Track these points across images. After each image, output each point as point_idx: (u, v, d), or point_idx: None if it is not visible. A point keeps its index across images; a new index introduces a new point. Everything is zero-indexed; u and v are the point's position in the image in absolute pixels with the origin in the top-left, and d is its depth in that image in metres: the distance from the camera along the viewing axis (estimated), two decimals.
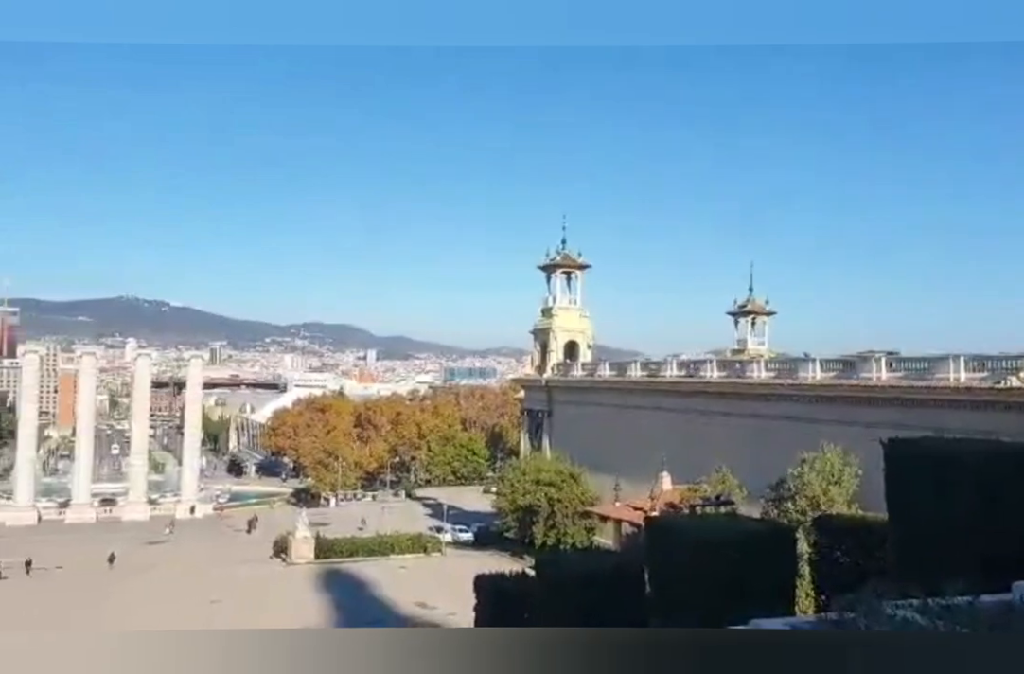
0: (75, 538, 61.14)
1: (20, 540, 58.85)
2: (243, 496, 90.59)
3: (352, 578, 48.46)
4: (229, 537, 64.92)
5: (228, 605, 40.80)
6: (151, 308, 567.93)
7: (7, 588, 45.56)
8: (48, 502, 77.72)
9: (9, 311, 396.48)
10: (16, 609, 39.85)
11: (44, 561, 50.11)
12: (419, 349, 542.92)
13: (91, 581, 46.47)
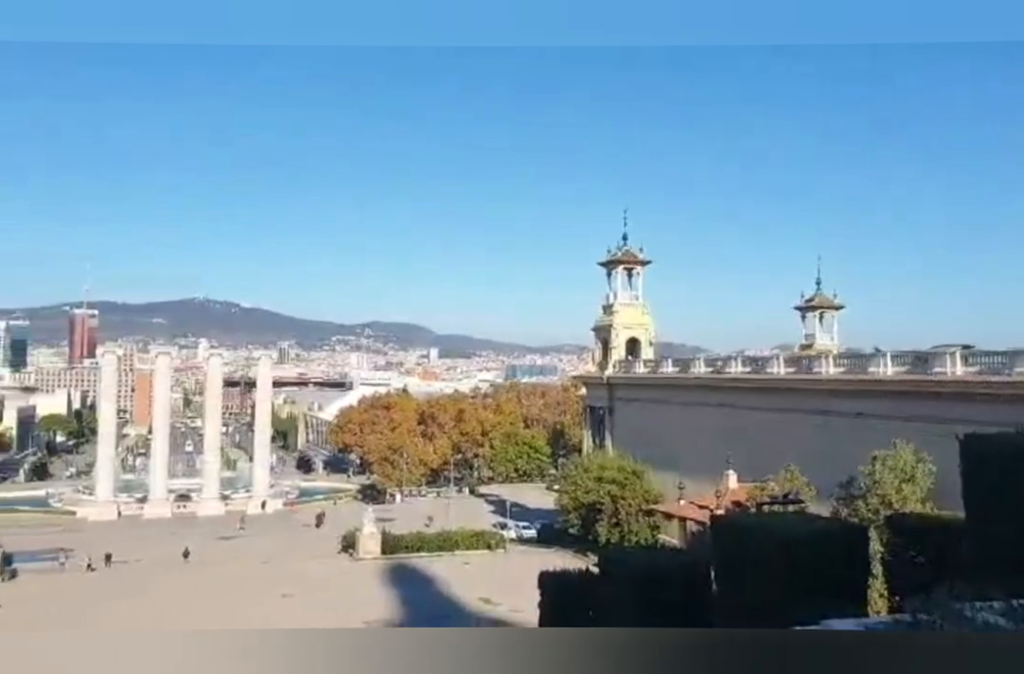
0: (152, 533, 63.38)
1: (101, 534, 61.32)
2: (312, 492, 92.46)
3: (418, 573, 49.03)
4: (298, 532, 66.31)
5: (299, 599, 41.80)
6: (222, 309, 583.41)
7: (95, 579, 47.49)
8: (127, 498, 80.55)
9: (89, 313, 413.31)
10: (100, 599, 41.57)
11: (124, 555, 52.06)
12: (480, 347, 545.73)
13: (167, 574, 48.04)
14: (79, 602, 40.92)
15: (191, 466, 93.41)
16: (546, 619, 26.94)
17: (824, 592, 13.69)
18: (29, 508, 79.13)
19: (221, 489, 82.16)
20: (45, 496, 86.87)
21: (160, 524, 70.58)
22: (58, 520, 73.46)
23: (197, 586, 44.38)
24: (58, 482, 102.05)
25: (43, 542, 56.64)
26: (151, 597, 41.83)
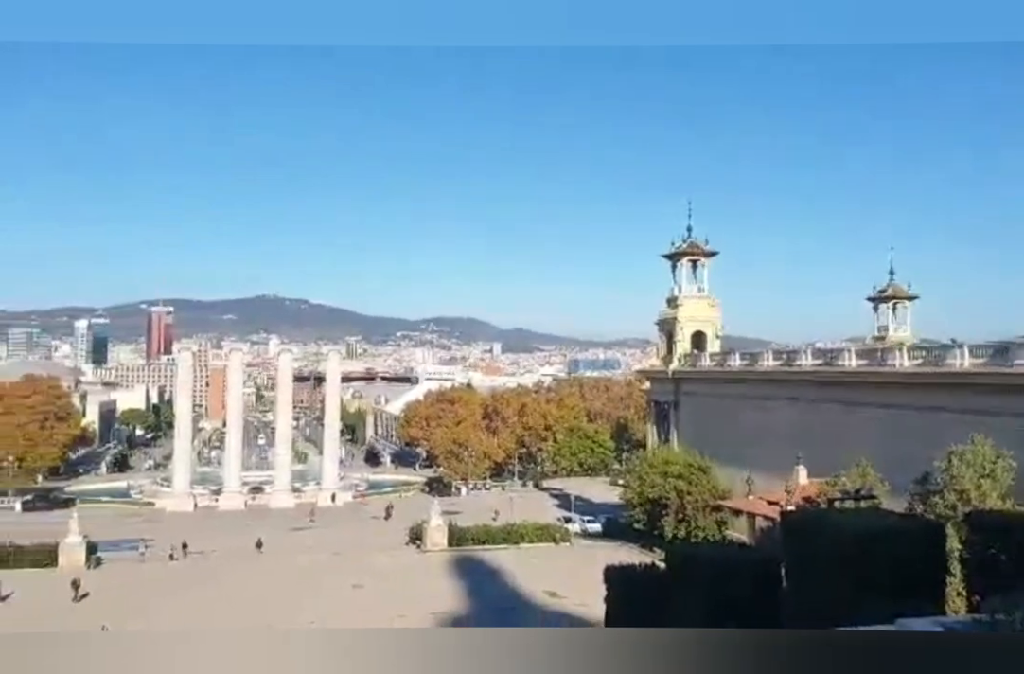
0: (227, 524, 65.34)
1: (178, 525, 63.48)
2: (380, 485, 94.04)
3: (484, 566, 49.46)
4: (367, 524, 67.53)
5: (369, 590, 42.64)
6: (291, 306, 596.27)
7: (175, 568, 49.26)
8: (202, 490, 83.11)
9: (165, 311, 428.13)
10: (180, 587, 43.15)
11: (200, 545, 53.80)
12: (542, 341, 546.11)
13: (242, 564, 49.49)
14: (160, 590, 42.51)
15: (263, 459, 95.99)
16: (612, 614, 26.94)
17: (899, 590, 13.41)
18: (111, 499, 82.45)
19: (292, 482, 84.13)
20: (126, 488, 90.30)
21: (234, 515, 72.68)
22: (138, 511, 76.39)
23: (270, 576, 45.59)
24: (138, 474, 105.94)
25: (125, 532, 58.96)
26: (227, 587, 43.21)
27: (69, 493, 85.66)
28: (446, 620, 36.91)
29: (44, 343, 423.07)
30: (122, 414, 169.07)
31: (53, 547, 49.02)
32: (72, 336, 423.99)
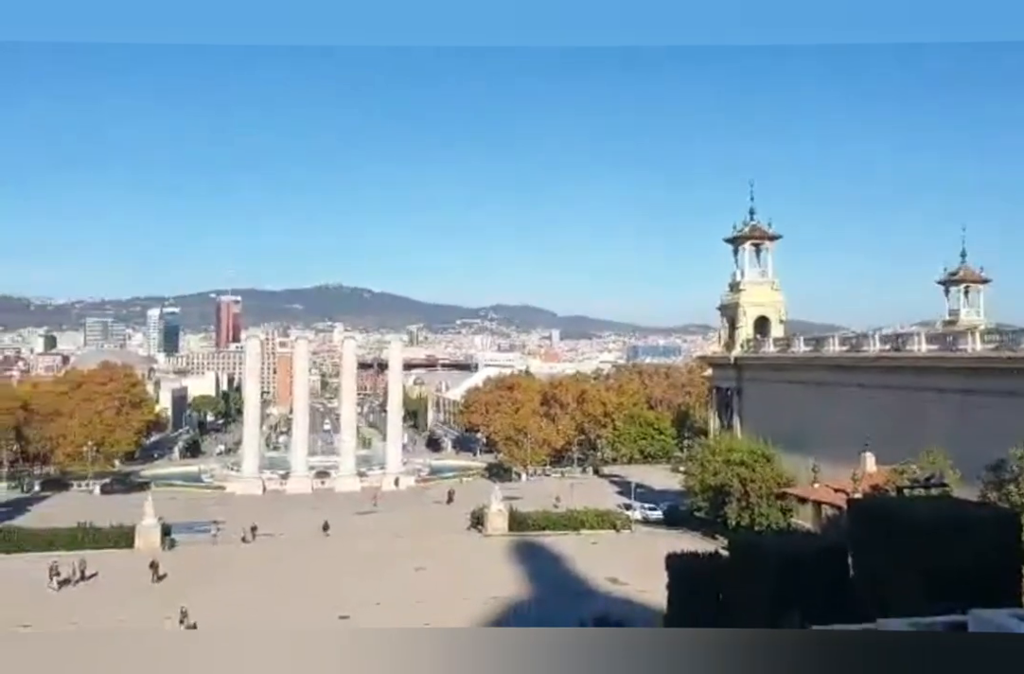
0: (294, 507, 66.97)
1: (248, 508, 65.31)
2: (441, 470, 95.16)
3: (545, 551, 49.73)
4: (430, 508, 68.49)
5: (431, 573, 43.29)
6: (354, 295, 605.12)
7: (246, 550, 50.79)
8: (271, 474, 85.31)
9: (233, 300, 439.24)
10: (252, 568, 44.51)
11: (269, 528, 55.34)
12: (601, 328, 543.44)
13: (309, 547, 50.74)
14: (233, 571, 43.86)
15: (329, 444, 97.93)
16: (674, 601, 26.85)
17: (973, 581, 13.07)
18: (184, 483, 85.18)
19: (357, 466, 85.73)
20: (198, 472, 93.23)
21: (301, 499, 74.46)
22: (209, 494, 78.83)
23: (336, 559, 46.61)
24: (209, 459, 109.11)
25: (197, 515, 60.92)
26: (295, 569, 44.30)
27: (144, 477, 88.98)
28: (507, 604, 37.28)
29: (119, 332, 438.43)
30: (193, 400, 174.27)
31: (130, 529, 50.91)
32: (145, 325, 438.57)
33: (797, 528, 42.80)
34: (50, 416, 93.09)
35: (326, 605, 36.25)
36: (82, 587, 40.71)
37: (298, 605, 36.47)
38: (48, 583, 39.41)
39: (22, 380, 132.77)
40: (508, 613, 35.77)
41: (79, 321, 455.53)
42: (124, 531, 50.77)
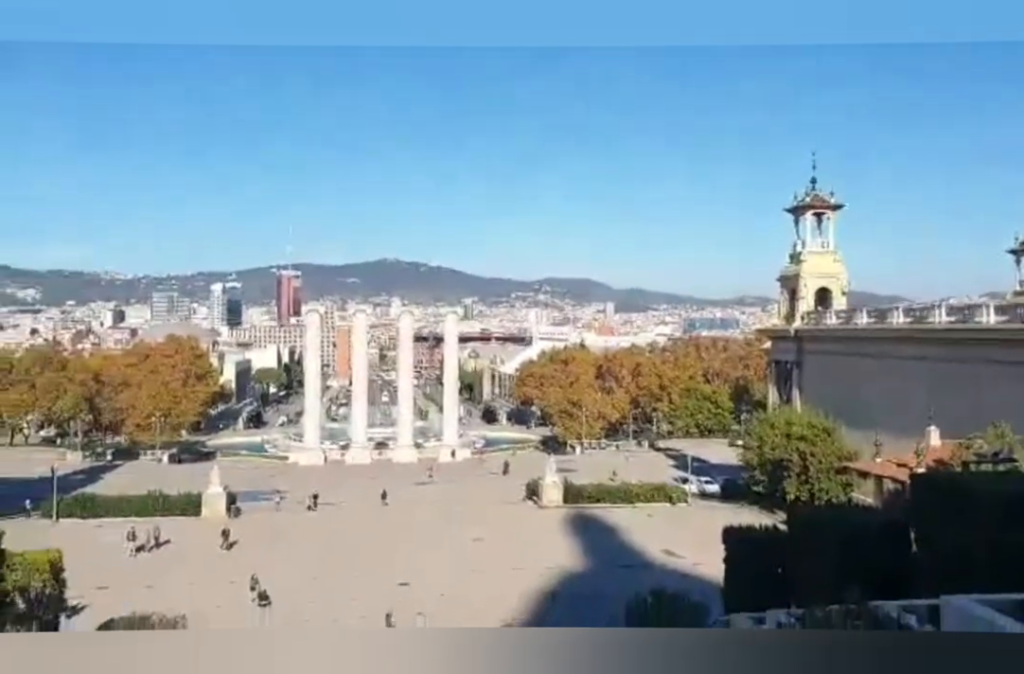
0: (355, 477, 68.43)
1: (310, 478, 66.96)
2: (496, 442, 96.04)
3: (600, 522, 50.02)
4: (485, 479, 69.32)
5: (488, 543, 43.95)
6: (410, 269, 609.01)
7: (310, 518, 52.16)
8: (332, 445, 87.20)
9: (293, 274, 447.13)
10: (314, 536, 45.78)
11: (330, 497, 56.72)
12: (656, 301, 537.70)
13: (369, 516, 51.86)
14: (298, 539, 45.03)
15: (387, 416, 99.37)
16: (731, 574, 26.81)
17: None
18: (248, 453, 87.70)
19: (414, 438, 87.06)
20: (261, 442, 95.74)
21: (361, 469, 75.99)
22: (272, 464, 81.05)
23: (396, 528, 47.51)
24: (272, 429, 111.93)
25: (261, 484, 62.64)
26: (356, 539, 45.27)
27: (210, 447, 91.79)
28: (562, 574, 37.70)
29: (184, 306, 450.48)
30: (256, 373, 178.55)
31: (197, 497, 52.70)
32: (208, 300, 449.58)
33: (858, 503, 42.15)
34: (120, 387, 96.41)
35: (386, 573, 37.18)
36: (156, 553, 42.39)
37: (360, 572, 37.47)
38: (125, 548, 41.16)
39: (93, 353, 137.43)
40: (563, 584, 36.19)
41: (146, 296, 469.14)
42: (192, 499, 52.58)
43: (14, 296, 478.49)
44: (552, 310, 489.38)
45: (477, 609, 32.05)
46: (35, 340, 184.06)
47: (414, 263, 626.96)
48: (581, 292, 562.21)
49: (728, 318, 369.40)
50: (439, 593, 33.88)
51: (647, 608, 23.39)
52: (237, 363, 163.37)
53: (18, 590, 23.08)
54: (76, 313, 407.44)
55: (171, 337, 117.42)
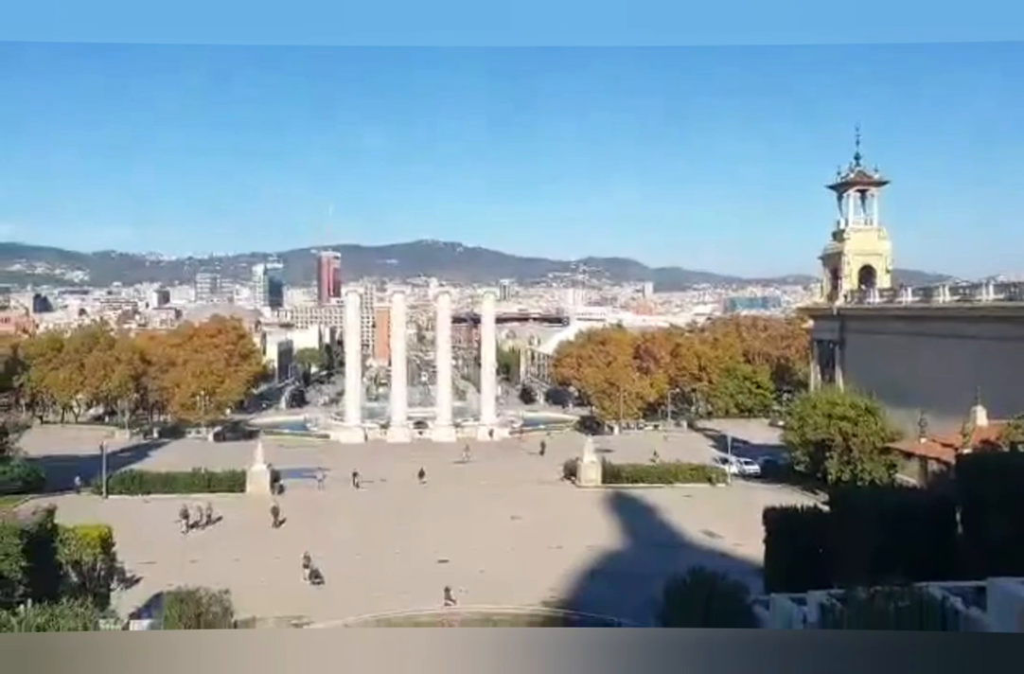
0: (395, 455, 69.16)
1: (351, 456, 67.78)
2: (534, 422, 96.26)
3: (638, 502, 50.03)
4: (523, 459, 69.60)
5: (527, 522, 44.25)
6: (447, 250, 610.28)
7: (353, 494, 53.01)
8: (372, 424, 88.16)
9: (333, 256, 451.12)
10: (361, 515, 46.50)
11: (371, 475, 57.43)
12: (695, 280, 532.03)
13: (410, 494, 52.45)
14: (344, 516, 45.72)
15: (426, 396, 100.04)
16: (771, 555, 26.69)
17: None
18: (290, 431, 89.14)
19: (453, 417, 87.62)
20: (303, 421, 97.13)
21: (400, 448, 76.79)
22: (314, 442, 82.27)
23: (435, 506, 48.02)
24: (314, 408, 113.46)
25: (303, 461, 63.50)
26: (399, 516, 45.66)
27: (254, 425, 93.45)
28: (601, 553, 37.85)
29: (226, 287, 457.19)
30: (298, 353, 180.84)
31: (241, 474, 53.76)
32: (251, 281, 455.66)
33: (901, 484, 41.57)
34: (165, 367, 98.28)
35: (427, 550, 37.66)
36: (209, 530, 43.37)
37: (402, 550, 38.02)
38: (179, 526, 42.15)
39: (139, 333, 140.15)
40: (603, 563, 36.36)
41: (190, 277, 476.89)
42: (237, 476, 53.67)
43: (63, 277, 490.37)
44: (590, 290, 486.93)
45: (515, 586, 32.38)
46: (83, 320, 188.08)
47: (451, 244, 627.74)
48: (619, 271, 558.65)
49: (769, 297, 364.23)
50: (478, 570, 34.26)
51: (686, 588, 23.36)
52: (279, 343, 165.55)
53: (71, 564, 23.85)
54: (122, 294, 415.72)
55: (215, 318, 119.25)
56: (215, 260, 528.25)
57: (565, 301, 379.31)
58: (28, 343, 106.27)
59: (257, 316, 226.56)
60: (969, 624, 11.52)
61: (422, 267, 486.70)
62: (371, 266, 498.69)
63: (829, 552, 20.18)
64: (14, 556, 19.45)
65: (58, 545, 23.13)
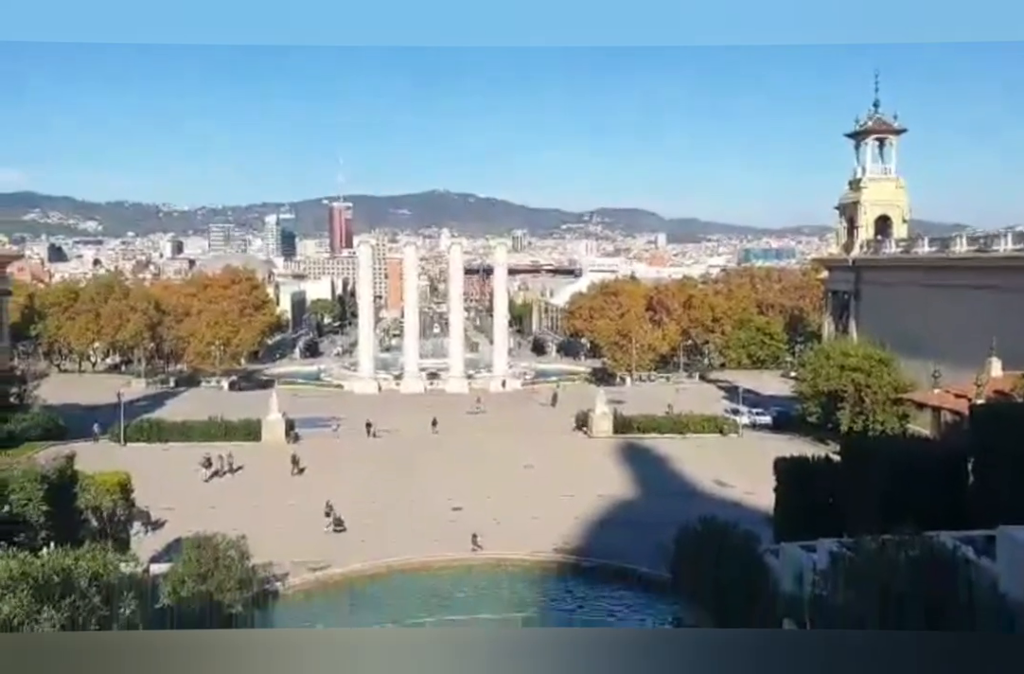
0: (409, 406, 69.70)
1: (365, 406, 68.37)
2: (546, 373, 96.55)
3: (650, 453, 50.43)
4: (535, 410, 70.06)
5: (539, 471, 44.73)
6: (459, 200, 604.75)
7: (368, 443, 53.62)
8: (385, 375, 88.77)
9: (345, 206, 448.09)
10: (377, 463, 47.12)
11: (385, 424, 57.98)
12: (710, 231, 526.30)
13: (424, 443, 53.00)
14: (360, 464, 46.32)
15: (439, 347, 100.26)
16: (782, 504, 26.92)
17: None
18: (304, 381, 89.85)
19: (465, 369, 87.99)
20: (317, 371, 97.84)
21: (414, 399, 77.34)
22: (328, 393, 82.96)
23: (450, 456, 48.44)
24: (327, 359, 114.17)
25: (317, 411, 64.14)
26: (413, 465, 46.17)
27: (268, 375, 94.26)
28: (611, 502, 38.34)
29: (239, 238, 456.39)
30: (311, 304, 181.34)
31: (257, 423, 54.38)
32: (263, 231, 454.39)
33: (913, 434, 41.65)
34: (180, 316, 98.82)
35: (441, 498, 38.23)
36: (229, 478, 44.08)
37: (418, 498, 38.59)
38: (200, 474, 42.84)
39: (154, 283, 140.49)
40: (614, 511, 36.85)
41: (203, 227, 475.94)
42: (252, 425, 54.31)
43: (76, 227, 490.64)
44: (603, 241, 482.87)
45: (529, 533, 32.91)
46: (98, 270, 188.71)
47: (464, 194, 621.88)
48: (633, 222, 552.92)
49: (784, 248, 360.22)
50: (492, 518, 34.80)
51: (697, 536, 23.65)
52: (292, 294, 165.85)
53: (91, 509, 24.35)
54: (136, 244, 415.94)
55: (228, 268, 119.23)
56: (227, 210, 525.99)
57: (578, 252, 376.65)
58: (44, 292, 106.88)
59: (270, 267, 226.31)
60: (979, 573, 11.58)
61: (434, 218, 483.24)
62: (383, 217, 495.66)
63: (839, 501, 20.30)
64: (36, 501, 19.85)
65: (78, 491, 23.59)
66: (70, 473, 23.56)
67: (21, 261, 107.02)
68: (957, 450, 18.73)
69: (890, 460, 17.68)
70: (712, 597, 20.57)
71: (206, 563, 20.90)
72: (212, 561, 21.06)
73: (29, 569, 10.76)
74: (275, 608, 26.14)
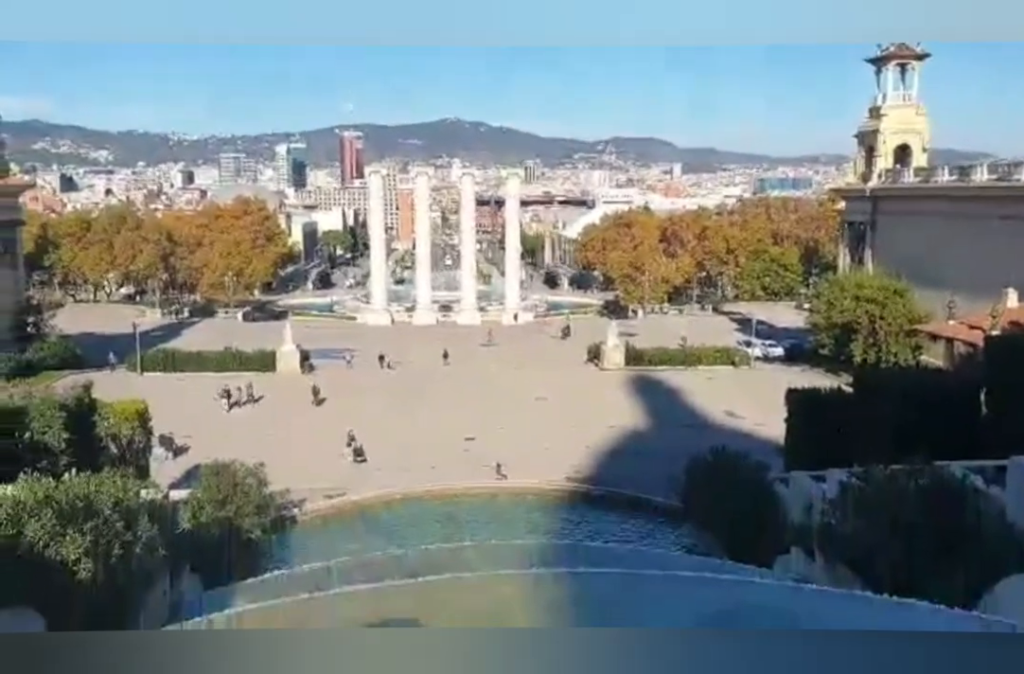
0: (422, 338, 69.97)
1: (378, 337, 68.68)
2: (558, 306, 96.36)
3: (661, 385, 50.67)
4: (547, 342, 70.20)
5: (552, 403, 45.06)
6: (471, 129, 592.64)
7: (382, 374, 54.27)
8: (398, 307, 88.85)
9: (355, 136, 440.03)
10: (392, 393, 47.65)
11: (398, 356, 58.37)
12: (726, 160, 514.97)
13: (437, 375, 53.35)
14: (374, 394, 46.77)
15: (451, 279, 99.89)
16: (792, 435, 27.12)
17: None
18: (317, 313, 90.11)
19: (477, 301, 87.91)
20: (330, 303, 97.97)
21: (426, 331, 77.61)
22: (341, 324, 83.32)
23: (464, 387, 48.69)
24: (339, 291, 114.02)
25: (331, 342, 64.32)
26: (424, 396, 46.61)
27: (281, 306, 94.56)
28: (623, 433, 38.76)
29: (250, 168, 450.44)
30: (323, 235, 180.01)
31: (271, 354, 54.82)
32: (274, 161, 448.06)
33: (927, 366, 41.61)
34: (193, 247, 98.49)
35: (455, 428, 38.70)
36: (249, 408, 44.69)
37: (431, 428, 39.09)
38: (220, 405, 43.41)
39: (166, 213, 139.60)
40: (625, 442, 37.29)
41: (213, 157, 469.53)
42: (266, 356, 54.79)
43: (87, 157, 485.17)
44: (617, 172, 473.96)
45: (540, 463, 33.44)
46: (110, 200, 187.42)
47: (475, 123, 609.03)
48: (647, 152, 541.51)
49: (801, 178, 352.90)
50: (504, 448, 35.30)
51: (707, 466, 23.95)
52: (304, 225, 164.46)
53: (110, 437, 24.81)
54: (147, 174, 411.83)
55: (240, 198, 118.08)
56: (237, 139, 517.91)
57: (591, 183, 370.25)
58: (57, 222, 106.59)
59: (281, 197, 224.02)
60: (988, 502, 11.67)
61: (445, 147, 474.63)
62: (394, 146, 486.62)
63: (850, 432, 20.39)
64: (56, 428, 20.20)
65: (97, 419, 23.96)
66: (88, 401, 23.89)
67: (33, 190, 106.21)
68: (970, 382, 18.67)
69: (903, 392, 17.65)
70: (722, 525, 20.95)
71: (225, 489, 21.38)
72: (231, 487, 21.54)
73: (53, 494, 10.99)
74: (292, 533, 26.89)
